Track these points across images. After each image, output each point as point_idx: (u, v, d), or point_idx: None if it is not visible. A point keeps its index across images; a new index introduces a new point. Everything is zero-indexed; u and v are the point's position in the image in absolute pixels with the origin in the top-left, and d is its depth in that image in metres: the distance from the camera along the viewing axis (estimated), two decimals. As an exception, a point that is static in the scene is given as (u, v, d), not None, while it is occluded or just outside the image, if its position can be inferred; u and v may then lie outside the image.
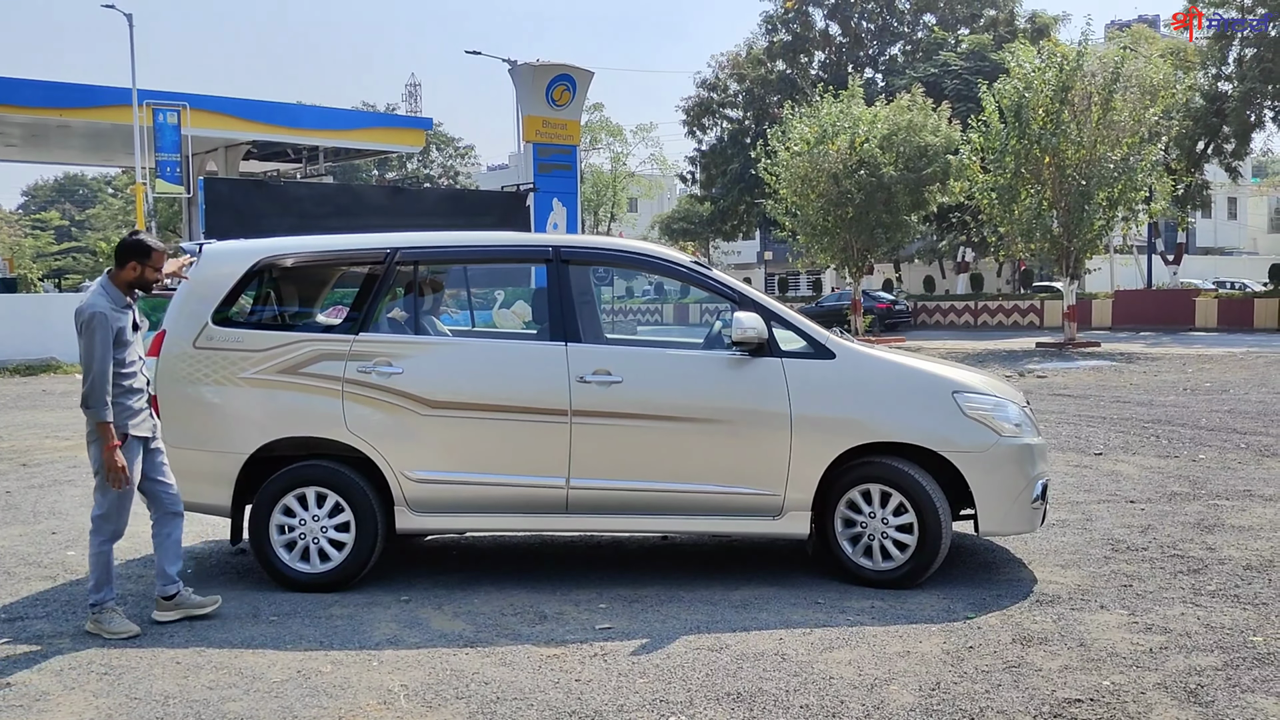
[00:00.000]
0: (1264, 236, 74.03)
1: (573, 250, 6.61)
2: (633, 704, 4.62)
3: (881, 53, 53.52)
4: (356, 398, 6.35)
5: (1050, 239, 28.45)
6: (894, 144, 31.79)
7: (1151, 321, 37.63)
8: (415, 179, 77.74)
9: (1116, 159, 27.30)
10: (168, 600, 5.92)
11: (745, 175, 50.87)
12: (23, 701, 4.75)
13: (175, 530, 5.96)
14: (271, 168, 43.37)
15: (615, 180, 61.69)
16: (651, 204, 77.95)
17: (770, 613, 5.87)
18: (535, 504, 6.35)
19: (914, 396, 6.31)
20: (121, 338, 5.70)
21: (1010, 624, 5.60)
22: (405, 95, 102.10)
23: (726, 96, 55.39)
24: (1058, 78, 27.16)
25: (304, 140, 37.74)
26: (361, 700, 4.73)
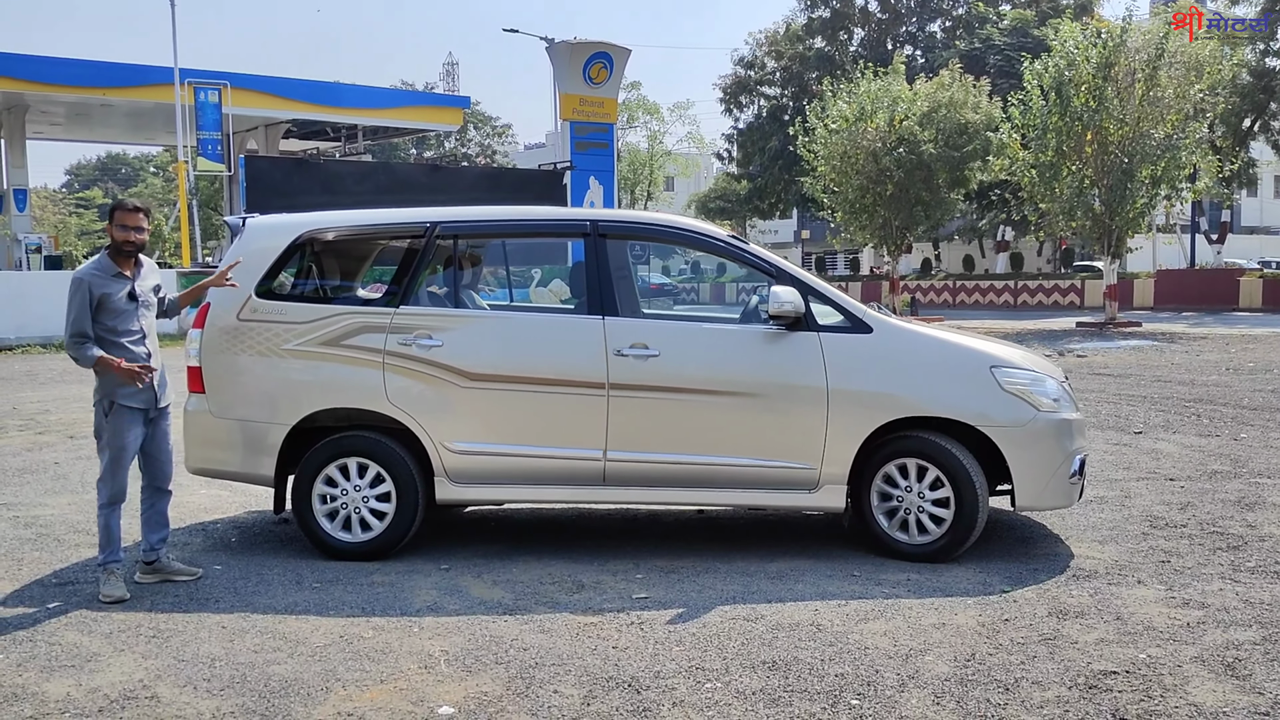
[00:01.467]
0: (1312, 216, 72.75)
1: (610, 224, 6.64)
2: (669, 670, 4.68)
3: (921, 29, 53.02)
4: (397, 369, 6.43)
5: (1092, 217, 28.15)
6: (934, 121, 31.51)
7: (1194, 302, 37.16)
8: (453, 158, 77.99)
9: (1160, 136, 26.95)
10: (149, 565, 6.12)
11: (783, 153, 50.63)
12: (74, 662, 4.87)
13: (160, 503, 6.14)
14: (311, 146, 43.72)
15: (652, 159, 61.64)
16: (688, 183, 77.83)
17: (806, 584, 5.91)
18: (572, 476, 6.41)
19: (951, 371, 6.31)
20: (107, 304, 5.81)
21: (1046, 598, 5.61)
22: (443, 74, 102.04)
23: (764, 74, 55.08)
24: (1101, 54, 26.82)
25: (343, 119, 38.05)
26: (402, 664, 4.81)
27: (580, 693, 4.47)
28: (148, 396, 5.94)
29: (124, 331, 5.88)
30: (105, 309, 5.81)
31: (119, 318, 5.86)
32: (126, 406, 5.88)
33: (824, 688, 4.47)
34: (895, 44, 50.92)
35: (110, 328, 5.83)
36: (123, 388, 5.84)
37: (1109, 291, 29.32)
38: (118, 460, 5.90)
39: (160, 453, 6.09)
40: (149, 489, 6.13)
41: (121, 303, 5.87)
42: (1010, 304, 42.45)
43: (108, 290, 5.82)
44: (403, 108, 39.50)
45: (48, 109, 35.92)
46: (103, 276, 5.84)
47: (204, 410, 6.61)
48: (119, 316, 5.86)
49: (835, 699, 4.35)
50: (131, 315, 5.92)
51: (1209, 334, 25.49)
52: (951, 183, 32.75)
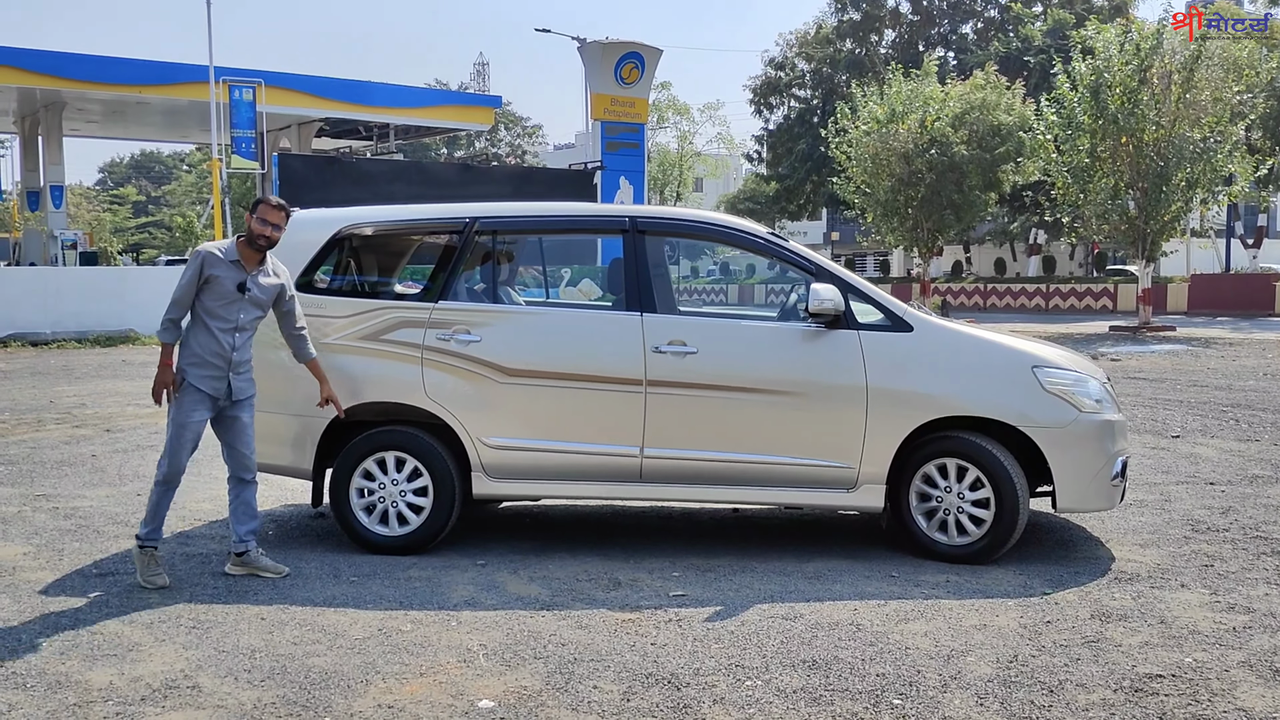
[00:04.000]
0: (1348, 221, 71.85)
1: (649, 221, 6.63)
2: (708, 668, 4.66)
3: (954, 30, 52.75)
4: (435, 364, 6.44)
5: (1126, 221, 27.92)
6: (966, 123, 31.36)
7: (1229, 307, 36.75)
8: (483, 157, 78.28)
9: (1196, 139, 26.69)
10: (239, 557, 6.12)
11: (813, 154, 50.52)
12: (116, 651, 4.90)
13: (244, 493, 6.12)
14: (343, 144, 43.92)
15: (682, 159, 61.60)
16: (717, 183, 77.75)
17: (844, 584, 5.87)
18: (609, 472, 6.40)
19: (993, 371, 6.26)
20: (214, 285, 5.88)
21: (1088, 601, 5.55)
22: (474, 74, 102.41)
23: (794, 76, 54.98)
24: (1137, 56, 26.60)
25: (375, 118, 38.20)
26: (441, 658, 4.81)
27: (620, 688, 4.46)
28: (219, 386, 5.98)
29: (220, 317, 5.94)
30: (211, 289, 5.90)
31: (221, 302, 5.93)
32: (194, 386, 5.92)
33: (865, 687, 4.43)
34: (927, 46, 50.65)
35: (209, 308, 5.92)
36: (196, 367, 5.90)
37: (1143, 296, 29.06)
38: (178, 437, 5.92)
39: (240, 443, 6.11)
40: (232, 480, 6.15)
41: (229, 290, 5.93)
42: (1042, 307, 42.16)
43: (219, 273, 5.90)
44: (434, 107, 39.60)
45: (84, 106, 36.26)
46: (223, 259, 5.92)
47: (244, 404, 6.63)
48: (221, 301, 5.93)
49: (877, 699, 4.32)
50: (234, 305, 5.96)
51: (1245, 339, 25.22)
52: (984, 185, 32.58)
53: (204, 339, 5.90)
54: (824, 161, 49.50)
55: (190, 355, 5.90)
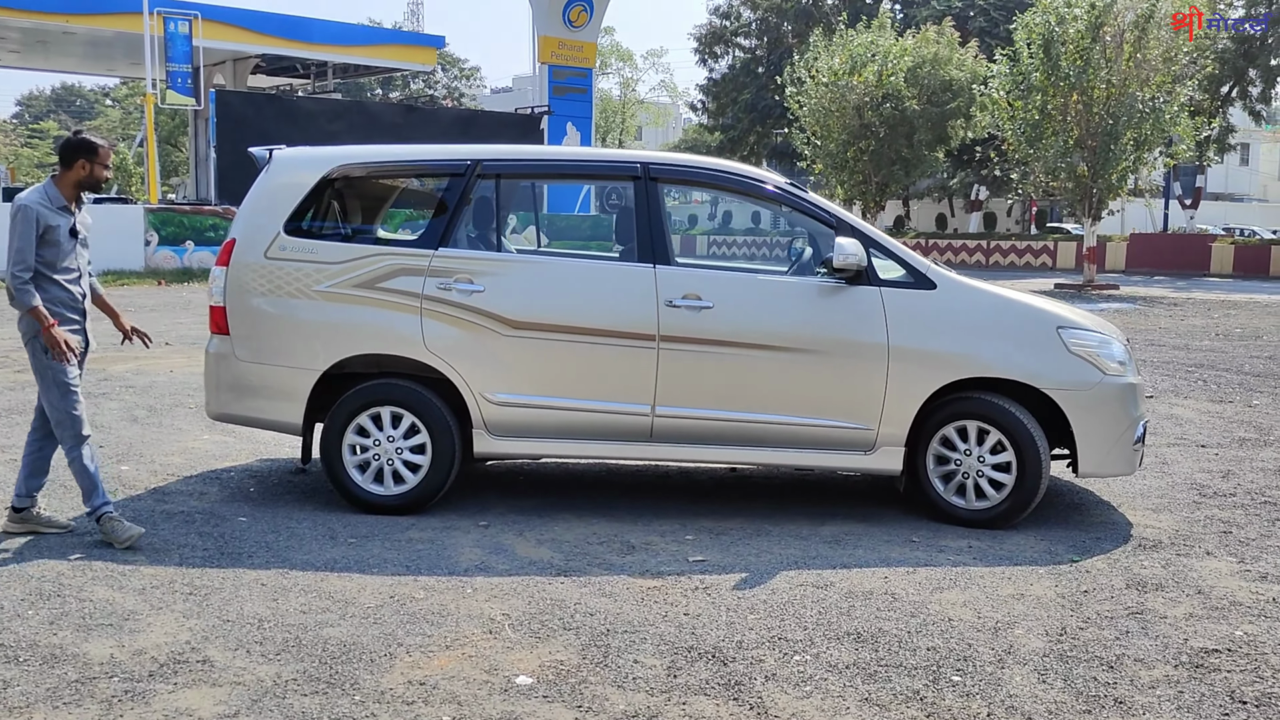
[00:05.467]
0: (1274, 184, 73.49)
1: (662, 168, 6.32)
2: (750, 641, 4.44)
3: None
4: (435, 315, 6.09)
5: (1074, 179, 28.07)
6: (919, 77, 31.24)
7: (1166, 266, 37.32)
8: (418, 99, 76.64)
9: (1145, 98, 26.83)
10: (18, 513, 5.73)
11: (758, 105, 50.22)
12: (111, 620, 4.55)
13: (48, 448, 5.74)
14: (279, 83, 42.69)
15: (624, 107, 60.88)
16: (659, 132, 77.11)
17: (866, 550, 5.68)
18: (618, 431, 6.13)
19: (1018, 331, 6.08)
20: (51, 237, 5.45)
21: (1118, 569, 5.42)
22: (407, 14, 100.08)
23: (739, 25, 54.43)
24: (1090, 13, 26.59)
25: (315, 55, 37.15)
26: (464, 629, 4.54)
27: (662, 663, 4.22)
28: (80, 340, 5.60)
29: (62, 269, 5.52)
30: (47, 242, 5.45)
31: (59, 253, 5.50)
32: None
33: (919, 662, 4.24)
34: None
35: (49, 262, 5.47)
36: (60, 325, 5.46)
37: (1089, 254, 29.32)
38: (68, 394, 5.50)
39: None
40: (42, 433, 5.71)
41: (64, 238, 5.51)
42: (983, 264, 42.45)
43: (53, 223, 5.46)
44: (376, 45, 38.61)
45: (3, 35, 34.73)
46: (50, 208, 5.47)
47: (227, 353, 6.25)
48: (59, 252, 5.50)
49: (935, 675, 4.13)
50: (71, 252, 5.57)
51: (1189, 298, 25.55)
52: (933, 140, 32.56)
53: (57, 293, 5.49)
54: (769, 112, 49.33)
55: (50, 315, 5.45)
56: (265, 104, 30.82)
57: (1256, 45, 36.76)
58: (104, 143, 5.63)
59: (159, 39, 29.36)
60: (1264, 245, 36.43)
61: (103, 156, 5.58)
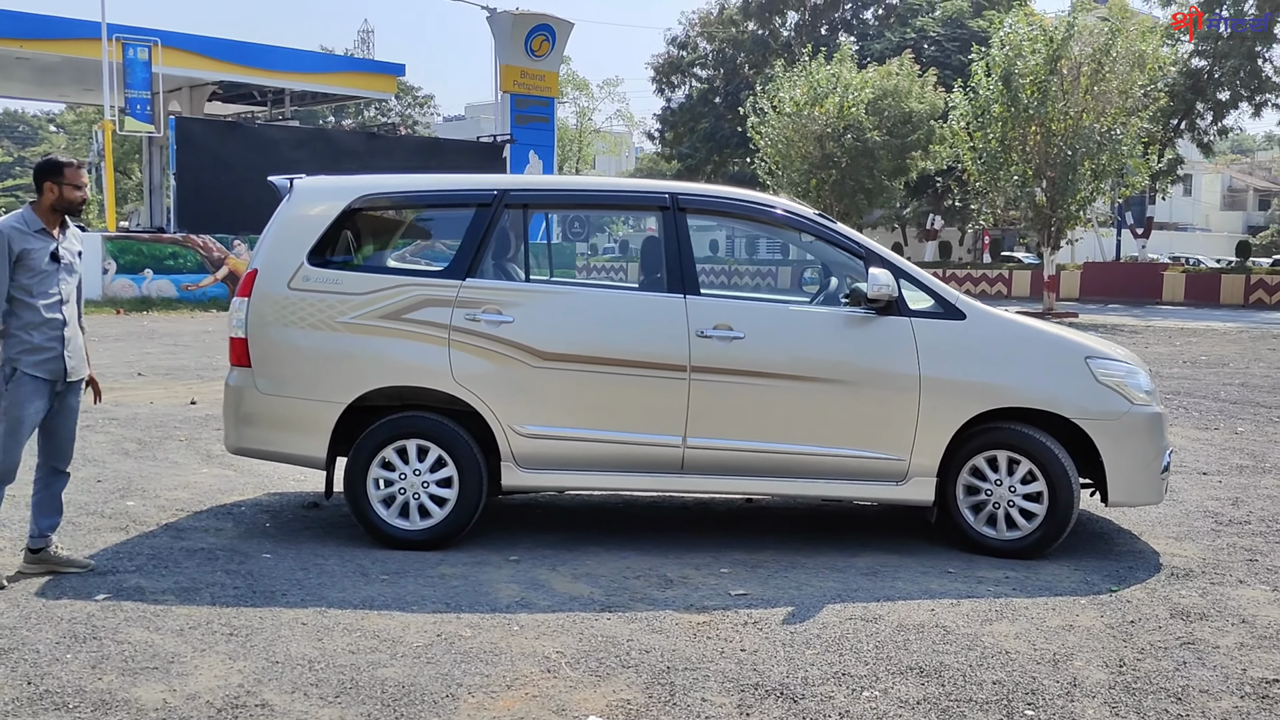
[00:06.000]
0: (1216, 213, 75.17)
1: (691, 198, 6.30)
2: (814, 677, 4.39)
3: (855, 15, 53.18)
4: (464, 347, 6.01)
5: (1034, 208, 28.51)
6: (879, 109, 31.61)
7: (1119, 294, 37.95)
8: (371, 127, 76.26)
9: (1102, 129, 27.35)
10: (35, 554, 5.56)
11: (715, 134, 50.54)
12: (155, 664, 4.41)
13: (55, 484, 5.60)
14: (236, 110, 42.31)
15: (581, 135, 60.98)
16: (613, 161, 77.34)
17: (905, 581, 5.65)
18: (649, 463, 6.07)
19: (1047, 361, 6.11)
20: (28, 261, 5.29)
21: (1158, 598, 5.43)
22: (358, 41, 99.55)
23: (696, 56, 54.81)
24: (1049, 47, 27.10)
25: (274, 83, 36.87)
26: (521, 667, 4.44)
27: (731, 701, 4.15)
28: (56, 367, 5.42)
29: (41, 293, 5.35)
30: (24, 267, 5.30)
31: (38, 278, 5.33)
32: (31, 375, 5.34)
33: (988, 696, 4.21)
34: (831, 29, 51.01)
35: (26, 287, 5.31)
36: (29, 354, 5.32)
37: (1049, 282, 29.74)
38: (14, 433, 5.35)
39: (64, 430, 5.56)
40: (46, 469, 5.57)
41: (43, 263, 5.35)
42: (939, 292, 42.83)
43: (29, 247, 5.30)
44: (336, 73, 38.38)
45: (-45, 60, 34.15)
46: (25, 232, 5.32)
47: (249, 386, 6.12)
48: (38, 277, 5.34)
49: (1008, 709, 4.10)
50: (52, 277, 5.40)
51: (1148, 326, 25.98)
52: (893, 170, 32.92)
53: (31, 318, 5.32)
54: (725, 142, 49.66)
55: (20, 343, 5.30)
56: (226, 131, 30.49)
57: (1204, 79, 37.62)
58: (71, 162, 5.45)
59: (118, 65, 28.99)
60: (1214, 274, 37.15)
61: (70, 177, 5.39)
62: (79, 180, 5.46)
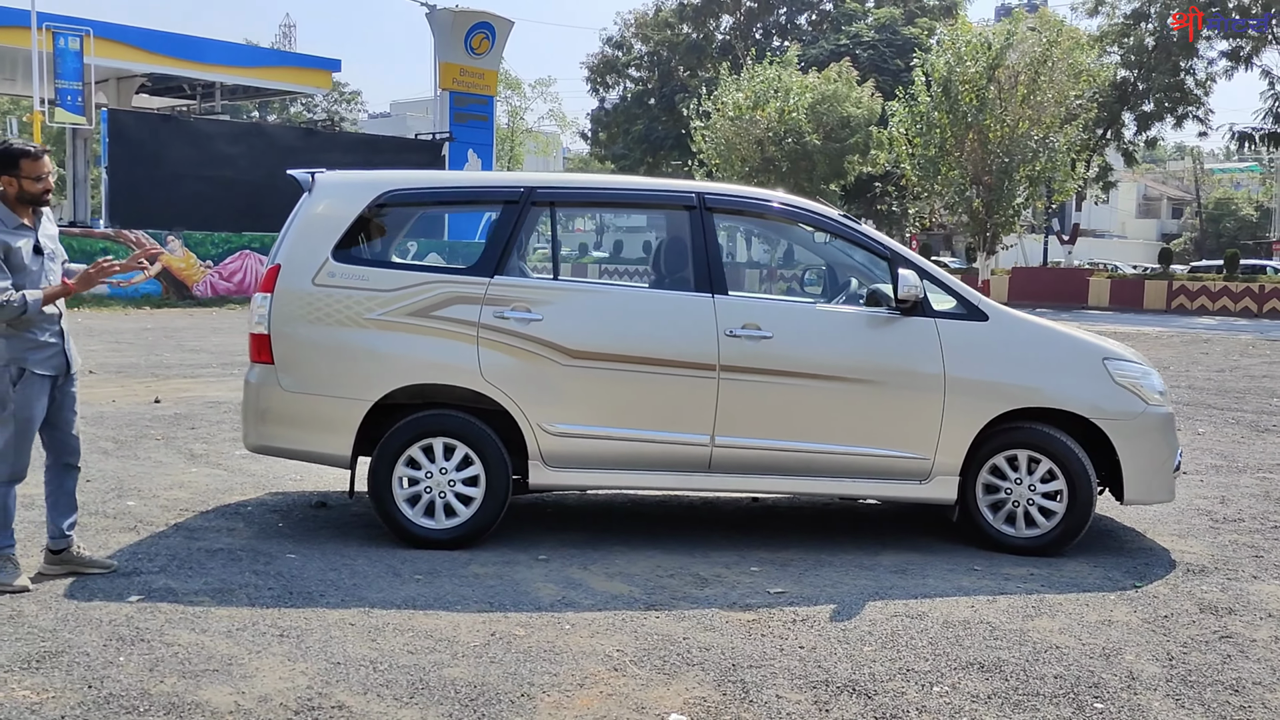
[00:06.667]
0: (1132, 221, 77.25)
1: (718, 198, 6.33)
2: (881, 673, 4.43)
3: (790, 21, 53.67)
4: (493, 344, 5.96)
5: (970, 214, 29.06)
6: (818, 114, 31.96)
7: (1046, 299, 38.76)
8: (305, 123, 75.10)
9: (1038, 137, 27.99)
10: (57, 555, 5.42)
11: (650, 136, 50.63)
12: (213, 666, 4.31)
13: (67, 481, 5.46)
14: (163, 103, 41.37)
15: (513, 135, 60.66)
16: (543, 161, 77.06)
17: (936, 579, 5.73)
18: (677, 461, 6.08)
19: (1067, 362, 6.24)
20: (15, 260, 5.10)
21: (1182, 594, 5.58)
22: (279, 36, 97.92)
23: (631, 56, 54.89)
24: (987, 55, 27.66)
25: (207, 76, 36.13)
26: (586, 666, 4.42)
27: (807, 698, 4.18)
28: (59, 362, 5.28)
29: (33, 286, 5.17)
30: (10, 264, 5.09)
31: (25, 274, 5.14)
32: (38, 374, 5.19)
33: (1054, 690, 4.29)
34: (765, 34, 51.43)
35: (19, 286, 5.10)
36: (35, 352, 5.17)
37: (983, 286, 30.34)
38: (24, 434, 5.21)
39: (68, 423, 5.40)
40: (57, 467, 5.41)
41: (27, 256, 5.15)
42: (872, 295, 43.42)
43: (13, 244, 5.11)
44: (270, 67, 37.75)
45: None
46: (4, 228, 5.11)
47: (271, 383, 6.00)
48: (24, 273, 5.14)
49: (1078, 703, 4.18)
50: (39, 271, 5.22)
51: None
52: (831, 174, 33.30)
53: (33, 319, 5.15)
54: (661, 143, 49.78)
55: (25, 343, 5.14)
56: (160, 125, 29.81)
57: (1130, 90, 38.65)
58: (28, 150, 5.15)
59: (48, 55, 28.19)
60: (1138, 280, 38.19)
61: (27, 169, 5.11)
62: (37, 171, 5.16)
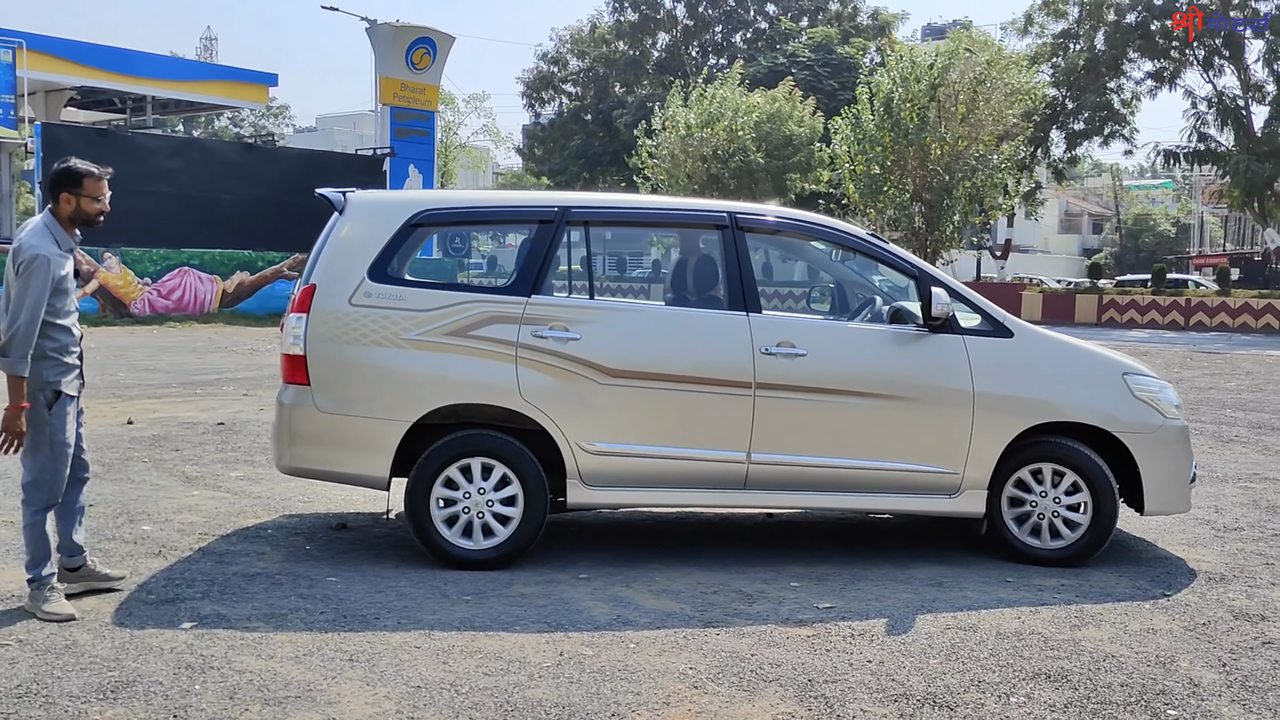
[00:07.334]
0: (1055, 236, 79.04)
1: (749, 218, 6.40)
2: (955, 685, 4.51)
3: (726, 40, 54.17)
4: (531, 364, 5.96)
5: (912, 230, 29.55)
6: (762, 132, 32.32)
7: (981, 313, 39.50)
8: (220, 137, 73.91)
9: (976, 155, 28.59)
10: (74, 572, 5.36)
11: (587, 152, 50.70)
12: (293, 692, 4.25)
13: (79, 495, 5.40)
14: (93, 117, 40.49)
15: (447, 150, 60.30)
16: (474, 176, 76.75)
17: (974, 591, 5.83)
18: (713, 479, 6.12)
19: (1089, 377, 6.40)
20: (62, 285, 5.06)
21: (1211, 601, 5.74)
22: (201, 48, 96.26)
23: (568, 72, 54.97)
24: (929, 74, 28.21)
25: (139, 89, 35.37)
26: (666, 685, 4.44)
27: (891, 711, 4.24)
28: (81, 382, 5.27)
29: (67, 313, 5.14)
30: (59, 291, 5.04)
31: (63, 299, 5.10)
32: (69, 395, 5.14)
33: (1126, 698, 4.40)
34: (702, 52, 51.85)
35: (57, 309, 5.05)
36: (66, 374, 5.12)
37: (925, 301, 30.78)
38: (61, 458, 5.13)
39: (80, 439, 5.34)
40: (71, 480, 5.28)
41: (68, 281, 5.13)
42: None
43: (63, 271, 5.06)
44: (206, 81, 37.08)
45: None
46: (60, 254, 5.04)
47: (307, 404, 5.93)
48: (64, 298, 5.10)
49: (1152, 710, 4.30)
50: (71, 295, 5.21)
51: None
52: (774, 191, 33.65)
53: (64, 339, 5.11)
54: (598, 159, 49.89)
55: (56, 365, 5.08)
56: (97, 139, 29.15)
57: (1060, 109, 39.65)
58: (92, 171, 5.13)
59: (-22, 68, 27.51)
60: (1070, 294, 39.07)
61: (89, 188, 5.10)
62: (99, 191, 5.16)
